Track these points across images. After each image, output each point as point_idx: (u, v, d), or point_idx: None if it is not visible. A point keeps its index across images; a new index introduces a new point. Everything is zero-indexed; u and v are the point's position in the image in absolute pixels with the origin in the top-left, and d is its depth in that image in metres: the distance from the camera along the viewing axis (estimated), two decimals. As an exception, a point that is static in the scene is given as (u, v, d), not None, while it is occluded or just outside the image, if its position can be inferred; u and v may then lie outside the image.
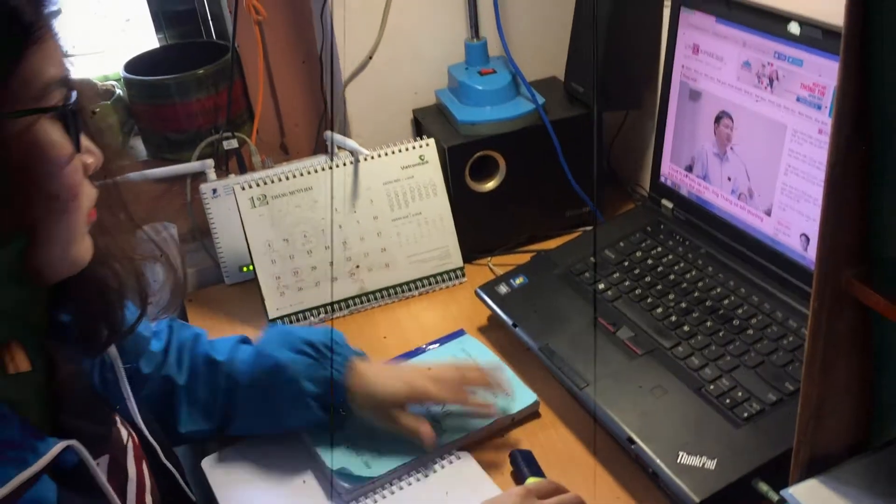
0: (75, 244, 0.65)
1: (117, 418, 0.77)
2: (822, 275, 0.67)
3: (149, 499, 0.75)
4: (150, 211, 1.42)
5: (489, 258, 1.33)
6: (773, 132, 1.00)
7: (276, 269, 1.23)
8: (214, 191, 1.31)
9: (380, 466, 0.95)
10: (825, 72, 0.93)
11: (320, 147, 1.44)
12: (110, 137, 1.20)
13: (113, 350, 0.79)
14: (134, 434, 0.78)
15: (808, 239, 0.99)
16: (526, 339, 1.06)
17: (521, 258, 1.29)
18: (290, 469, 0.98)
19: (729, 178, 1.09)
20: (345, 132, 1.37)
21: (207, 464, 1.00)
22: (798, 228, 1.00)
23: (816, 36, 0.93)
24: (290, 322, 1.23)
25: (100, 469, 0.68)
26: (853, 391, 0.74)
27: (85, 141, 0.65)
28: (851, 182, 0.63)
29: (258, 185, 1.22)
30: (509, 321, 1.09)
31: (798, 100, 0.96)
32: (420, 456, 0.95)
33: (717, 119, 1.09)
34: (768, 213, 1.04)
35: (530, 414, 1.02)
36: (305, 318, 1.23)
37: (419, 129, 1.39)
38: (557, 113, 1.30)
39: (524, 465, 0.93)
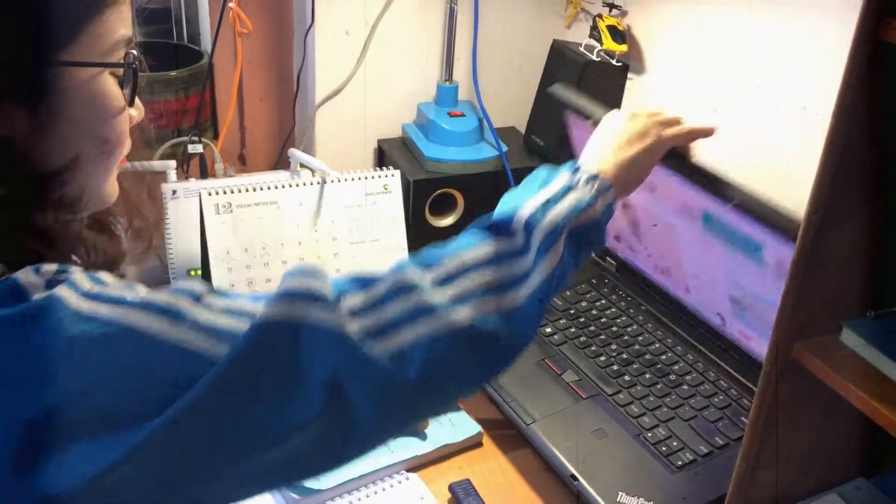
0: (108, 183, 0.70)
1: None
2: (775, 343, 0.75)
3: None
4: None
5: (435, 291, 1.38)
6: (688, 220, 1.06)
7: (231, 278, 1.24)
8: (174, 192, 1.32)
9: (329, 480, 0.98)
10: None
11: (283, 163, 1.46)
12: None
13: None
14: None
15: (723, 319, 1.08)
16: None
17: (467, 294, 1.35)
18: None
19: (649, 255, 1.19)
20: (309, 152, 1.40)
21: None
22: (713, 308, 1.09)
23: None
24: (239, 331, 1.24)
25: None
26: (789, 454, 0.83)
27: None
28: (815, 266, 0.72)
29: (225, 192, 1.24)
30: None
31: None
32: (369, 473, 0.99)
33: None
34: (687, 290, 1.13)
35: (473, 444, 1.08)
36: (253, 329, 1.25)
37: (381, 159, 1.44)
38: (516, 162, 1.37)
39: (463, 495, 0.99)
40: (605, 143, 0.84)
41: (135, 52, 0.67)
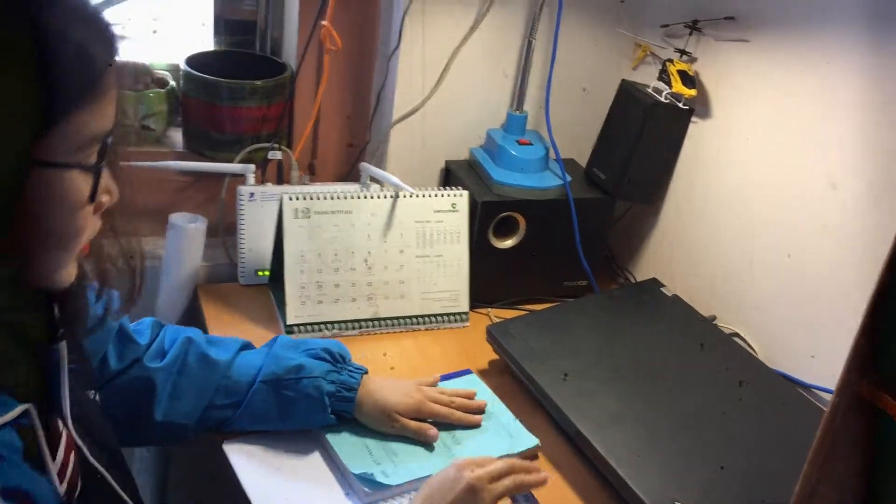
0: (63, 270, 0.69)
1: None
2: (844, 377, 0.81)
3: (63, 486, 0.76)
4: (174, 199, 1.48)
5: (489, 309, 1.44)
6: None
7: (303, 280, 1.30)
8: (252, 194, 1.38)
9: (397, 477, 1.03)
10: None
11: (352, 175, 1.53)
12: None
13: (62, 350, 0.78)
14: (68, 427, 0.79)
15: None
16: (540, 383, 1.16)
17: (514, 313, 1.40)
18: (308, 462, 1.06)
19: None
20: (380, 168, 1.47)
21: (229, 447, 1.06)
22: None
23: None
24: (303, 331, 1.30)
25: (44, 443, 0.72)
26: (843, 482, 0.88)
27: (107, 180, 0.68)
28: (882, 311, 0.78)
29: (305, 198, 1.30)
30: (522, 367, 1.20)
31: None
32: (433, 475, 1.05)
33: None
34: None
35: (529, 456, 1.13)
36: (319, 331, 1.31)
37: (448, 179, 1.50)
38: (577, 192, 1.44)
39: (523, 500, 1.04)
40: None
41: (110, 140, 0.65)
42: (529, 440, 1.13)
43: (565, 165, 1.51)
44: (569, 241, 1.43)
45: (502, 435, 1.14)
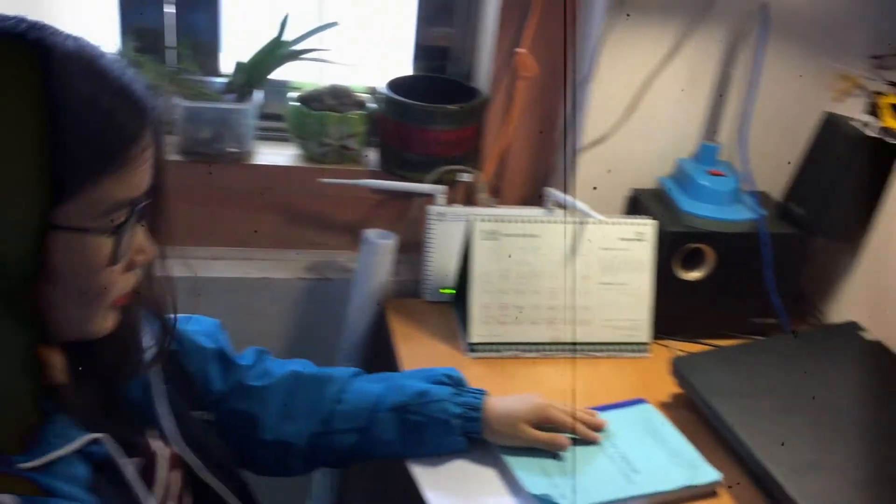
0: (92, 324, 0.71)
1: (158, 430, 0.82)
2: None
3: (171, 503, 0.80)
4: (367, 216, 1.56)
5: (670, 341, 1.41)
6: None
7: (487, 300, 1.33)
8: (442, 214, 1.43)
9: (578, 500, 1.03)
10: None
11: (536, 199, 1.54)
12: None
13: (154, 373, 0.83)
14: (172, 446, 0.83)
15: None
16: (728, 421, 1.13)
17: (696, 347, 1.37)
18: (488, 481, 1.08)
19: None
20: (567, 194, 1.48)
21: (413, 463, 1.10)
22: None
23: None
24: (485, 350, 1.32)
25: (130, 467, 0.74)
26: None
27: (140, 239, 0.71)
28: None
29: (494, 221, 1.33)
30: (709, 403, 1.16)
31: None
32: (614, 500, 1.04)
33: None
34: None
35: (708, 492, 1.10)
36: (499, 351, 1.33)
37: (635, 208, 1.49)
38: (772, 227, 1.38)
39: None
40: None
41: (139, 206, 0.68)
42: (712, 474, 1.09)
43: (757, 198, 1.46)
44: (759, 277, 1.38)
45: (683, 465, 1.11)
